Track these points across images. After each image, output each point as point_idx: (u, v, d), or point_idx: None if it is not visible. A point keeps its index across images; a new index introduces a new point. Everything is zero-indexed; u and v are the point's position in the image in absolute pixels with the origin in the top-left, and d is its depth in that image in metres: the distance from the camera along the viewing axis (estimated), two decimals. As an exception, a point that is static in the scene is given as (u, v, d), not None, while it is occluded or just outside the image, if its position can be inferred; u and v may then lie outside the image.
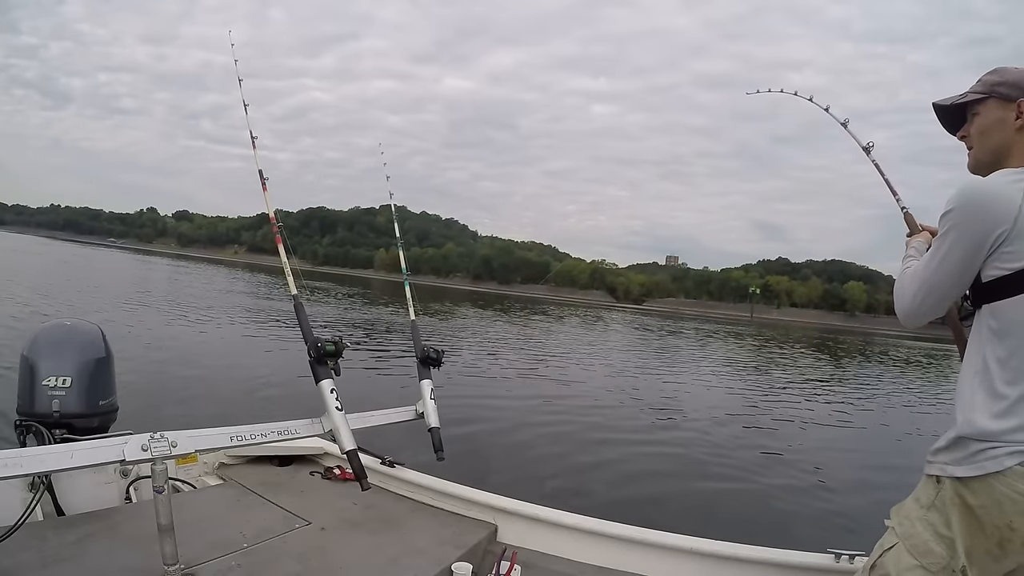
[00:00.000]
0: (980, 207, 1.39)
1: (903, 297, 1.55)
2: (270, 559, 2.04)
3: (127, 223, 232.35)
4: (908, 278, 1.55)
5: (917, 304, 1.51)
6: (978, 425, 1.35)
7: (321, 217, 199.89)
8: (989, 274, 1.39)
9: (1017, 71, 1.55)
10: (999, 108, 1.54)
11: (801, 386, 17.08)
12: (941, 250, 1.45)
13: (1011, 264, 1.35)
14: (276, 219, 2.27)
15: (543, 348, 21.25)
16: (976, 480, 1.33)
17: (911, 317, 1.54)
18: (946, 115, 1.68)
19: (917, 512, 1.45)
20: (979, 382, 1.40)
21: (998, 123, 1.54)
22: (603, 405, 11.04)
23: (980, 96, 1.57)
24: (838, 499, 6.25)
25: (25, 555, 1.86)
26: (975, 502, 1.33)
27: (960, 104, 1.62)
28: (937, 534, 1.40)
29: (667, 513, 5.44)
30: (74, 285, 24.07)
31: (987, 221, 1.36)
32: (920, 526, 1.43)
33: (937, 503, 1.42)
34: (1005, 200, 1.36)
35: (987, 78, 1.58)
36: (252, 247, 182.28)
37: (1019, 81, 1.53)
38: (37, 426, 2.29)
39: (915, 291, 1.51)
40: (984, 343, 1.41)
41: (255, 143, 2.35)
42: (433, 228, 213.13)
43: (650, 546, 2.31)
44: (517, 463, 6.78)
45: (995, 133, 1.54)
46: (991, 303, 1.40)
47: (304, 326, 2.14)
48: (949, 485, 1.39)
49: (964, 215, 1.40)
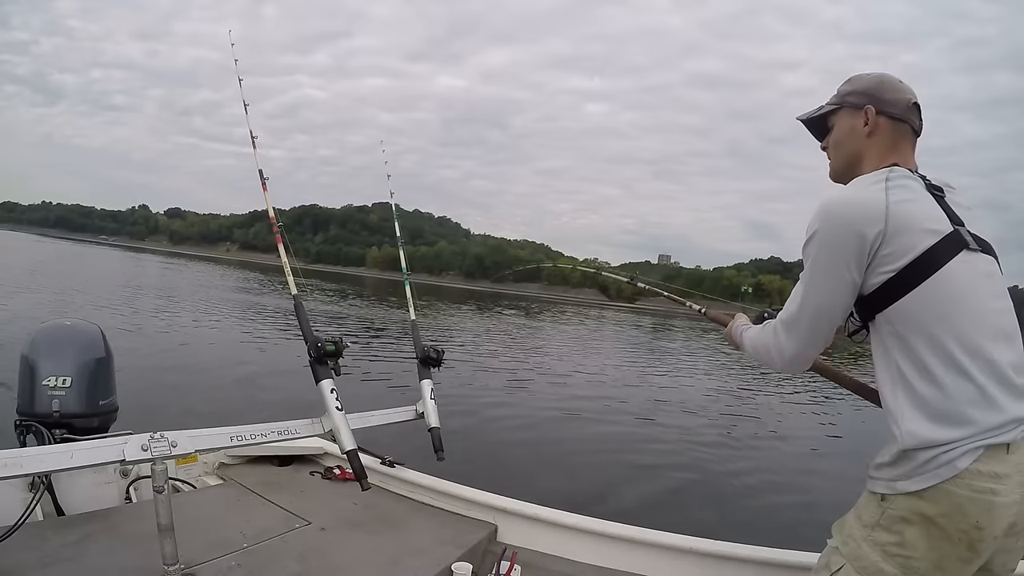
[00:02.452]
0: (846, 219, 1.36)
1: (779, 348, 1.51)
2: (270, 559, 2.04)
3: (119, 220, 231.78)
4: (770, 333, 1.53)
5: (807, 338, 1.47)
6: (920, 435, 1.29)
7: (314, 215, 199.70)
8: (873, 283, 1.36)
9: (867, 78, 1.55)
10: (850, 117, 1.55)
11: (800, 385, 17.12)
12: (816, 277, 1.41)
13: (894, 264, 1.32)
14: (276, 219, 2.27)
15: (540, 347, 21.28)
16: (932, 490, 1.27)
17: (799, 359, 1.51)
18: (812, 128, 1.68)
19: (860, 532, 1.38)
20: (902, 391, 1.34)
21: (849, 132, 1.55)
22: (603, 404, 11.06)
23: (833, 107, 1.59)
24: (838, 499, 6.19)
25: (25, 555, 1.85)
26: (935, 511, 1.27)
27: (820, 116, 1.63)
28: (885, 553, 1.32)
29: (667, 513, 5.45)
30: (73, 284, 23.92)
31: (858, 230, 1.33)
32: (866, 546, 1.35)
33: (883, 521, 1.34)
34: (870, 204, 1.34)
35: (841, 88, 1.59)
36: (244, 245, 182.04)
37: (867, 88, 1.53)
38: (37, 426, 2.28)
39: (803, 327, 1.46)
40: (891, 351, 1.37)
41: (255, 143, 2.33)
42: (426, 226, 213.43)
43: (650, 546, 2.31)
44: (517, 463, 6.80)
45: (848, 142, 1.55)
46: (884, 310, 1.36)
47: (304, 326, 2.14)
48: (901, 501, 1.32)
49: (832, 233, 1.37)
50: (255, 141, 2.34)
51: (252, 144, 2.33)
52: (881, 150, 1.50)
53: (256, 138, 2.34)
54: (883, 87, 1.52)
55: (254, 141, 2.33)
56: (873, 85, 1.54)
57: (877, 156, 1.50)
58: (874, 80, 1.55)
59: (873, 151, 1.50)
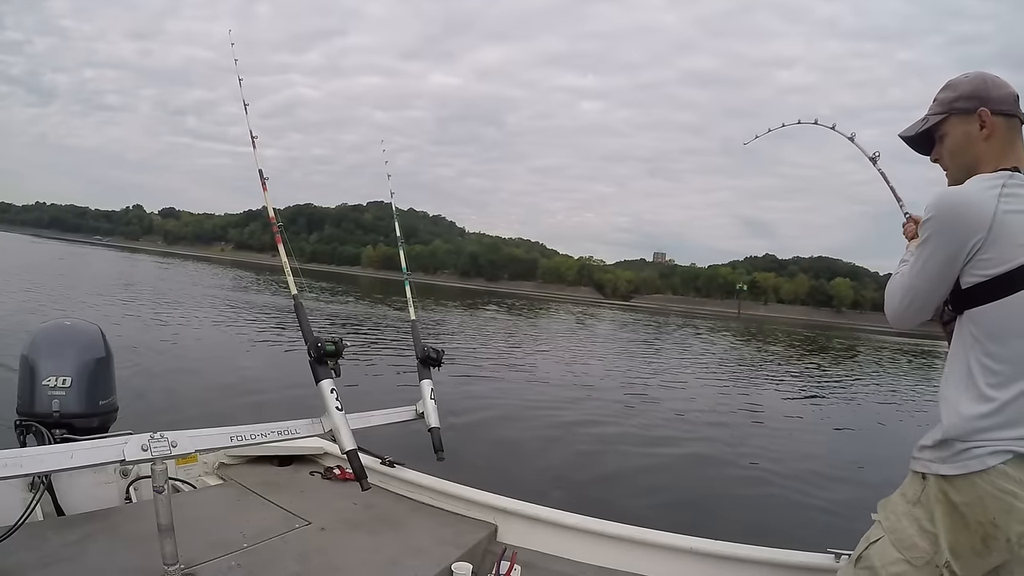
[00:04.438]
0: (955, 216, 1.40)
1: (891, 301, 1.58)
2: (270, 559, 2.04)
3: (113, 221, 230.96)
4: (896, 282, 1.58)
5: (903, 308, 1.55)
6: (962, 426, 1.38)
7: (308, 214, 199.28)
8: (967, 281, 1.41)
9: (968, 81, 1.56)
10: (962, 123, 1.54)
11: (801, 385, 17.16)
12: (921, 257, 1.47)
13: (988, 271, 1.37)
14: (276, 219, 2.26)
15: (540, 346, 21.30)
16: (960, 478, 1.36)
17: (897, 320, 1.57)
18: (915, 144, 1.68)
19: (903, 507, 1.48)
20: (964, 386, 1.41)
21: (965, 138, 1.54)
22: (602, 404, 11.06)
23: (941, 116, 1.58)
24: (837, 499, 6.25)
25: (25, 555, 1.85)
26: (959, 499, 1.36)
27: (926, 130, 1.62)
28: (922, 529, 1.43)
29: (668, 513, 5.45)
30: (71, 284, 23.83)
31: (963, 230, 1.38)
32: (905, 521, 1.46)
33: (922, 499, 1.45)
34: (980, 208, 1.37)
35: (942, 96, 1.59)
36: (239, 244, 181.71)
37: (974, 91, 1.53)
38: (37, 426, 2.27)
39: (901, 296, 1.54)
40: (966, 348, 1.43)
41: (255, 142, 2.32)
42: (421, 225, 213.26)
43: (650, 546, 2.32)
44: (517, 463, 6.79)
45: (965, 149, 1.55)
46: (970, 309, 1.42)
47: (304, 326, 2.14)
48: (934, 482, 1.42)
49: (940, 224, 1.42)
50: (255, 141, 2.32)
51: (252, 144, 2.31)
52: (999, 150, 1.51)
53: (256, 138, 2.32)
54: (988, 86, 1.53)
55: (254, 141, 2.31)
56: (979, 86, 1.54)
57: (995, 157, 1.50)
58: (978, 81, 1.55)
59: (991, 153, 1.51)
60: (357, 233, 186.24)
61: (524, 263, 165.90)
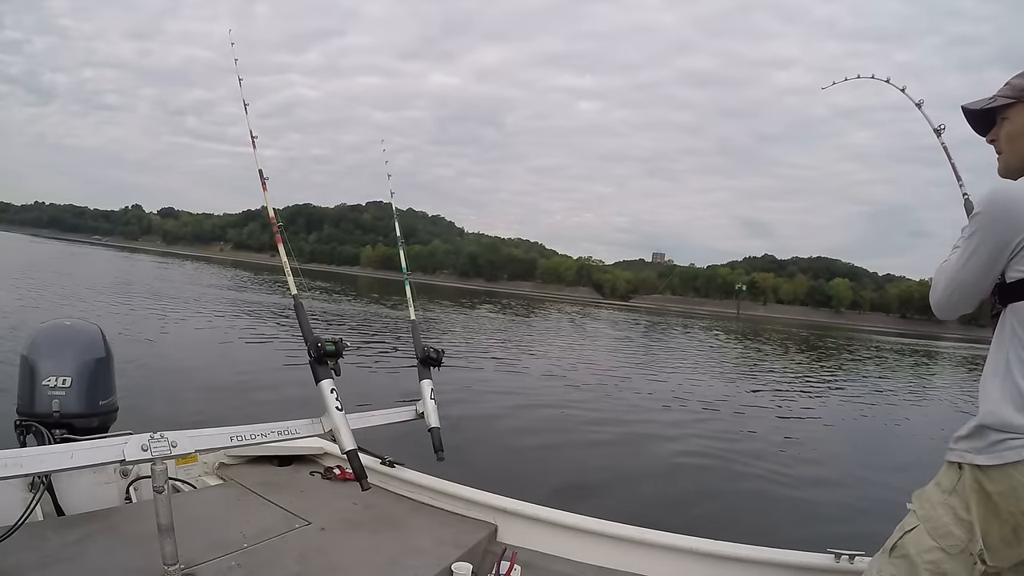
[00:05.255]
0: (1005, 212, 1.42)
1: (935, 290, 1.60)
2: (270, 559, 2.03)
3: (112, 220, 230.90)
4: (942, 272, 1.58)
5: (945, 299, 1.57)
6: (1000, 416, 1.38)
7: (307, 214, 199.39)
8: (1012, 275, 1.42)
9: None
10: None
11: (802, 385, 17.16)
12: (968, 251, 1.48)
13: None
14: (276, 219, 2.26)
15: (539, 346, 21.29)
16: (995, 468, 1.37)
17: (939, 310, 1.59)
18: (975, 119, 1.67)
19: (938, 496, 1.49)
20: (1002, 378, 1.42)
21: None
22: (603, 404, 11.08)
23: (1009, 101, 1.57)
24: (837, 498, 6.27)
25: (25, 555, 1.85)
26: (993, 489, 1.37)
27: (989, 108, 1.61)
28: (957, 518, 1.43)
29: (667, 513, 5.45)
30: (69, 284, 23.80)
31: (1011, 226, 1.39)
32: (941, 510, 1.46)
33: (958, 488, 1.45)
34: None
35: (1016, 82, 1.57)
36: (238, 244, 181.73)
37: None
38: (37, 426, 2.27)
39: (944, 286, 1.56)
40: (1007, 341, 1.44)
41: (255, 142, 2.31)
42: (420, 225, 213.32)
43: (650, 546, 2.31)
44: (517, 462, 6.79)
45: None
46: (1014, 303, 1.43)
47: (304, 326, 2.13)
48: (969, 472, 1.42)
49: (990, 218, 1.44)
50: (255, 141, 2.31)
51: (252, 144, 2.30)
52: None
53: (256, 137, 2.31)
54: None
55: (254, 141, 2.30)
56: None
57: None
58: None
59: None
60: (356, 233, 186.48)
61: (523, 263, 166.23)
